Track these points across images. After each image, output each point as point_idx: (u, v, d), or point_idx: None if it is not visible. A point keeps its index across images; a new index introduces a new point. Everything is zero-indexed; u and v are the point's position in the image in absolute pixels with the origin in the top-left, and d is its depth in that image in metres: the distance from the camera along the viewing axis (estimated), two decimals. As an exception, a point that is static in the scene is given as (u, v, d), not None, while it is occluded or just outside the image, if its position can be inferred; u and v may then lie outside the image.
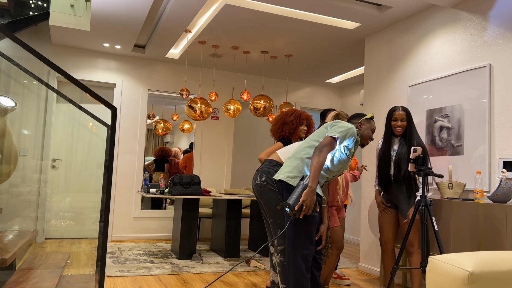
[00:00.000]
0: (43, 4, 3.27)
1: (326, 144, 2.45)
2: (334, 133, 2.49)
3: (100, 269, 2.16)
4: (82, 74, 5.91)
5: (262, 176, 2.89)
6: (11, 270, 2.70)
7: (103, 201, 3.04)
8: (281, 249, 2.81)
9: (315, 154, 2.43)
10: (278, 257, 2.83)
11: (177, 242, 4.93)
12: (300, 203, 2.36)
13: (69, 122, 5.84)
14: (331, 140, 2.48)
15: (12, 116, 3.79)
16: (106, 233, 2.20)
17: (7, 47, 3.48)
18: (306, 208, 2.37)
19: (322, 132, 2.63)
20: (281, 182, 2.59)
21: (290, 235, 2.50)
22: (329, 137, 2.48)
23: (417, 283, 3.18)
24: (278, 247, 2.84)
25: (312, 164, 2.41)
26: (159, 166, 7.98)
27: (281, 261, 2.80)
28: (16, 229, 4.73)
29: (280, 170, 2.65)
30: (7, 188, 4.65)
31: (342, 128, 2.52)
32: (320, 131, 2.66)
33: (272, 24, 4.63)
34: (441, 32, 3.89)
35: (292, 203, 2.37)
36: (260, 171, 2.93)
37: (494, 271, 1.49)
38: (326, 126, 2.64)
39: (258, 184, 2.90)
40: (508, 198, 2.93)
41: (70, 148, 5.81)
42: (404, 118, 3.28)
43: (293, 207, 2.36)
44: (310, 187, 2.37)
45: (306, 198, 2.36)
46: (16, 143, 2.80)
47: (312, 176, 2.39)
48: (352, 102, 7.09)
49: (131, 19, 4.68)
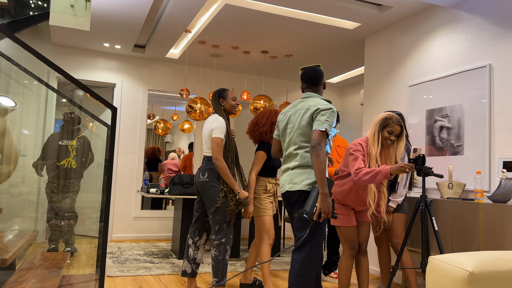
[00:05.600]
0: (43, 4, 3.27)
1: (320, 141, 2.36)
2: (322, 126, 2.39)
3: (100, 269, 2.16)
4: (82, 74, 5.91)
5: (205, 174, 3.20)
6: (11, 270, 2.70)
7: (103, 201, 3.04)
8: (217, 244, 3.12)
9: (314, 155, 2.34)
10: (213, 251, 3.13)
11: (177, 242, 4.93)
12: (318, 211, 2.32)
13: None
14: (322, 134, 2.38)
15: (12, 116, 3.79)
16: (106, 233, 2.20)
17: (7, 47, 3.48)
18: (325, 215, 2.33)
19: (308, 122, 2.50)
20: (302, 191, 2.49)
21: (307, 240, 2.45)
22: (319, 131, 2.38)
23: (413, 281, 3.20)
24: (215, 242, 3.14)
25: (315, 167, 2.33)
26: (151, 167, 7.95)
27: (216, 255, 3.11)
28: (16, 229, 4.73)
29: (294, 178, 2.51)
30: (7, 188, 4.65)
31: (326, 116, 2.42)
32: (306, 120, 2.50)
33: (272, 24, 4.63)
34: (441, 32, 3.89)
35: (309, 209, 2.33)
36: (202, 169, 3.24)
37: (494, 271, 1.49)
38: (309, 114, 2.49)
39: (201, 181, 3.20)
40: (508, 198, 2.93)
41: (70, 148, 5.80)
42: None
43: (311, 214, 2.33)
44: (323, 193, 2.32)
45: (323, 205, 2.32)
46: (16, 143, 2.81)
47: (321, 180, 2.33)
48: (352, 102, 7.09)
49: (131, 19, 4.68)
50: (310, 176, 2.48)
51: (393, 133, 2.88)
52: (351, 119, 7.08)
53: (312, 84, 2.65)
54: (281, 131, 2.67)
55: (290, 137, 2.58)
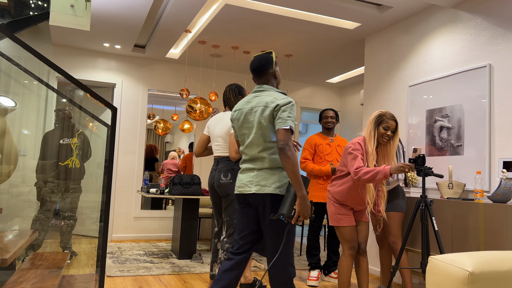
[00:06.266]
0: (43, 4, 3.27)
1: (287, 141, 2.17)
2: (286, 123, 2.21)
3: (100, 269, 2.16)
4: (82, 74, 5.91)
5: (228, 175, 3.14)
6: (11, 270, 2.70)
7: (103, 201, 3.04)
8: (227, 247, 3.14)
9: (284, 157, 2.15)
10: (223, 255, 3.15)
11: (177, 242, 4.93)
12: (297, 214, 2.18)
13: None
14: (288, 133, 2.20)
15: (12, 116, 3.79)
16: (106, 233, 2.20)
17: (7, 47, 3.48)
18: (303, 218, 2.19)
19: (269, 119, 2.29)
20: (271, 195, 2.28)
21: (280, 243, 2.29)
22: (284, 130, 2.19)
23: (408, 281, 3.21)
24: (225, 245, 3.15)
25: (288, 170, 2.16)
26: (147, 166, 7.92)
27: (225, 259, 3.07)
28: (16, 229, 4.73)
29: (262, 180, 2.30)
30: (7, 188, 4.65)
31: (288, 112, 2.24)
32: (267, 118, 2.29)
33: (272, 24, 4.63)
34: (441, 32, 3.89)
35: (286, 212, 2.18)
36: (222, 170, 3.17)
37: (494, 271, 1.49)
38: (269, 112, 2.29)
39: (224, 183, 3.15)
40: (508, 198, 2.93)
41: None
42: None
43: (289, 217, 2.18)
44: (302, 196, 2.16)
45: (302, 209, 2.17)
46: (16, 143, 2.81)
47: (297, 183, 2.16)
48: (352, 102, 7.09)
49: (131, 19, 4.68)
50: (280, 178, 2.28)
51: (389, 129, 2.89)
52: (351, 119, 7.08)
53: (258, 75, 2.44)
54: (238, 131, 2.45)
55: (251, 138, 2.34)
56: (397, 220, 3.33)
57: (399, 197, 3.39)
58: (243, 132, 2.40)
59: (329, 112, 4.11)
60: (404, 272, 3.24)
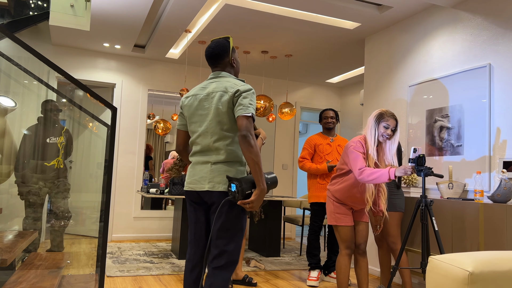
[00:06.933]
0: (43, 4, 3.27)
1: (249, 128, 2.01)
2: (248, 110, 2.05)
3: (100, 269, 2.17)
4: (82, 74, 5.91)
5: None
6: (11, 270, 2.70)
7: (103, 201, 3.05)
8: None
9: (246, 146, 1.98)
10: None
11: (177, 242, 4.93)
12: (248, 201, 2.01)
13: (69, 122, 5.84)
14: (250, 120, 2.04)
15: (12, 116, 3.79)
16: (106, 233, 2.20)
17: (7, 47, 3.48)
18: (249, 208, 2.03)
19: (228, 106, 2.10)
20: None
21: (231, 228, 2.10)
22: (245, 117, 2.03)
23: (408, 281, 3.21)
24: None
25: (250, 159, 1.99)
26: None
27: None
28: (16, 229, 4.73)
29: (217, 177, 2.11)
30: (7, 188, 4.65)
31: (249, 98, 2.08)
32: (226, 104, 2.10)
33: (272, 24, 4.63)
34: (441, 32, 3.89)
35: (243, 189, 2.00)
36: None
37: (494, 271, 1.49)
38: (228, 98, 2.10)
39: None
40: (508, 198, 2.93)
41: (70, 148, 5.80)
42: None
43: (242, 195, 2.00)
44: (262, 190, 2.00)
45: (255, 200, 2.00)
46: (16, 143, 2.81)
47: (258, 174, 2.00)
48: (352, 102, 7.09)
49: (131, 19, 4.68)
50: (238, 174, 2.12)
51: (389, 127, 2.89)
52: (351, 119, 7.08)
53: (213, 63, 2.24)
54: (189, 119, 2.22)
55: (205, 126, 2.13)
56: (395, 220, 3.33)
57: (397, 196, 3.39)
58: (195, 120, 2.18)
59: (329, 112, 4.11)
60: (404, 272, 3.24)
